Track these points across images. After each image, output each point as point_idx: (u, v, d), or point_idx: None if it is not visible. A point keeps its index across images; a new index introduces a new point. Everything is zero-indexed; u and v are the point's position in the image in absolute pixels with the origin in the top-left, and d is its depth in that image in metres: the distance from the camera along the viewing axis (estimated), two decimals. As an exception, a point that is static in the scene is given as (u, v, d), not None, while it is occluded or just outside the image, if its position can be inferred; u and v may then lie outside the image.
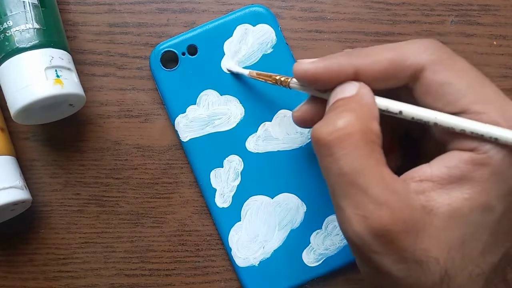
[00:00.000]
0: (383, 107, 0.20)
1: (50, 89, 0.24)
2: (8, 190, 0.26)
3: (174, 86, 0.28)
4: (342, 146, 0.19)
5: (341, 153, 0.19)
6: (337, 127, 0.19)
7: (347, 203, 0.19)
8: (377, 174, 0.19)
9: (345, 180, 0.19)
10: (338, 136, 0.19)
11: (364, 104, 0.20)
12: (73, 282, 0.29)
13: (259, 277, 0.28)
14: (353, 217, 0.19)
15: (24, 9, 0.25)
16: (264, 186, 0.28)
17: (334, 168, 0.19)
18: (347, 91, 0.20)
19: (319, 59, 0.21)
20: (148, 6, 0.30)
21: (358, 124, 0.19)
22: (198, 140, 0.28)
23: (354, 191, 0.19)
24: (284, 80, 0.24)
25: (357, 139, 0.19)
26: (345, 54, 0.21)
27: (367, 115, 0.20)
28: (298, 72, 0.21)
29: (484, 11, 0.30)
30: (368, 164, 0.19)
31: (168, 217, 0.29)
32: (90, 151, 0.29)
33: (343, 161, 0.19)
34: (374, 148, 0.19)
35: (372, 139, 0.19)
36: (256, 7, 0.28)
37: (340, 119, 0.19)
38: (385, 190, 0.18)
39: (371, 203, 0.18)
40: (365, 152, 0.19)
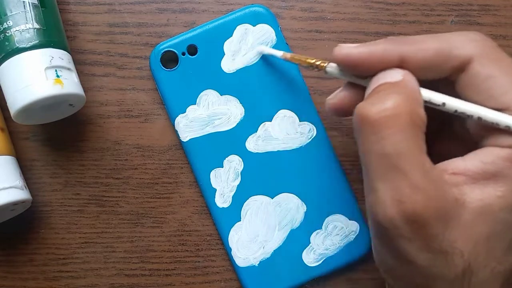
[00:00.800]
0: (426, 98, 0.20)
1: (50, 89, 0.24)
2: (8, 190, 0.26)
3: (174, 86, 0.28)
4: (388, 126, 0.18)
5: (386, 132, 0.18)
6: (386, 106, 0.19)
7: (384, 185, 0.18)
8: (419, 159, 0.19)
9: (386, 161, 0.18)
10: (386, 116, 0.19)
11: (411, 89, 0.20)
12: (73, 282, 0.29)
13: (259, 277, 0.28)
14: (388, 200, 0.18)
15: (24, 9, 0.25)
16: (264, 186, 0.28)
17: (376, 147, 0.19)
18: (392, 76, 0.20)
19: (362, 44, 0.21)
20: (148, 6, 0.30)
21: (406, 107, 0.19)
22: (198, 140, 0.28)
23: (393, 174, 0.18)
24: (320, 65, 0.23)
25: (404, 121, 0.19)
26: (390, 40, 0.21)
27: (414, 99, 0.19)
28: (340, 56, 0.21)
29: (484, 11, 0.30)
30: (412, 148, 0.18)
31: (168, 217, 0.29)
32: (90, 151, 0.29)
33: (388, 141, 0.18)
34: (419, 134, 0.19)
35: (418, 124, 0.19)
36: (256, 7, 0.28)
37: (389, 99, 0.19)
38: (424, 177, 0.18)
39: (408, 187, 0.18)
40: (411, 135, 0.19)
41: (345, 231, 0.28)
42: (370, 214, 0.20)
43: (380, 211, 0.19)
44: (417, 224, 0.18)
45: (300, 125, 0.28)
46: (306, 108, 0.28)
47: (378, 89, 0.20)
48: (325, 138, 0.28)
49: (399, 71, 0.20)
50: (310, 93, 0.29)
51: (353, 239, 0.28)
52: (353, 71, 0.22)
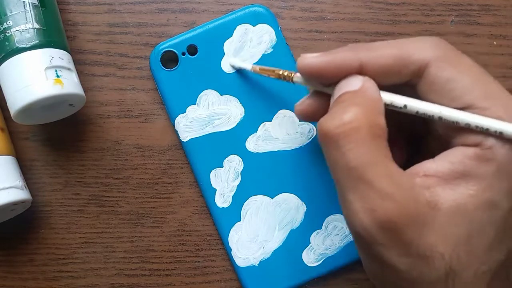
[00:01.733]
0: (388, 101, 0.20)
1: (50, 89, 0.24)
2: (8, 190, 0.26)
3: (174, 86, 0.28)
4: (348, 140, 0.19)
5: (348, 147, 0.19)
6: (344, 121, 0.19)
7: (354, 196, 0.19)
8: (384, 168, 0.19)
9: (352, 173, 0.19)
10: (344, 130, 0.19)
11: (369, 98, 0.20)
12: (73, 282, 0.29)
13: (259, 277, 0.28)
14: (360, 210, 0.19)
15: (24, 9, 0.25)
16: (264, 186, 0.28)
17: (340, 161, 0.19)
18: (352, 84, 0.20)
19: (323, 53, 0.21)
20: (148, 6, 0.30)
21: (365, 119, 0.19)
22: (198, 140, 0.28)
23: (361, 185, 0.19)
24: (287, 75, 0.24)
25: (363, 133, 0.19)
26: (349, 48, 0.21)
27: (373, 109, 0.20)
28: (302, 66, 0.21)
29: (484, 11, 0.30)
30: (375, 158, 0.19)
31: (168, 217, 0.29)
32: (90, 151, 0.29)
33: (350, 155, 0.19)
34: (381, 143, 0.19)
35: (378, 134, 0.19)
36: (256, 7, 0.28)
37: (347, 113, 0.19)
38: (391, 184, 0.18)
39: (377, 196, 0.18)
40: (372, 146, 0.19)
41: (345, 231, 0.28)
42: (347, 224, 0.20)
43: (355, 221, 0.19)
44: (390, 230, 0.18)
45: (300, 125, 0.28)
46: (306, 108, 0.28)
47: (338, 101, 0.20)
48: (325, 138, 0.28)
49: (359, 78, 0.20)
50: (310, 93, 0.29)
51: (353, 239, 0.28)
52: (317, 80, 0.22)
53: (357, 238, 0.20)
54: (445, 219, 0.19)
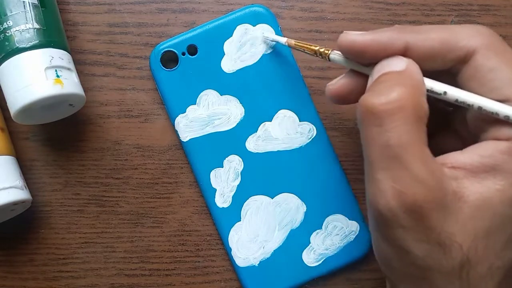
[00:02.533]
0: (428, 87, 0.20)
1: (50, 89, 0.24)
2: (8, 190, 0.26)
3: (174, 86, 0.28)
4: (393, 119, 0.19)
5: (391, 125, 0.19)
6: (390, 98, 0.19)
7: (385, 175, 0.19)
8: (421, 151, 0.19)
9: (388, 152, 0.19)
10: (390, 108, 0.19)
11: (415, 79, 0.20)
12: (73, 282, 0.29)
13: (259, 277, 0.28)
14: (389, 190, 0.19)
15: (24, 9, 0.25)
16: (264, 186, 0.28)
17: (380, 139, 0.19)
18: (396, 65, 0.20)
19: (368, 32, 0.21)
20: (148, 6, 0.30)
21: (411, 99, 0.19)
22: (198, 140, 0.28)
23: (395, 164, 0.19)
24: (323, 52, 0.23)
25: (408, 114, 0.19)
26: (396, 28, 0.21)
27: (418, 91, 0.20)
28: (345, 43, 0.21)
29: (484, 11, 0.30)
30: (414, 140, 0.19)
31: (168, 217, 0.29)
32: (90, 151, 0.29)
33: (392, 133, 0.19)
34: (421, 126, 0.19)
35: (421, 116, 0.19)
36: (256, 7, 0.28)
37: (394, 91, 0.19)
38: (425, 169, 0.18)
39: (410, 178, 0.18)
40: (414, 128, 0.19)
41: (345, 231, 0.28)
42: (370, 204, 0.20)
43: (381, 201, 0.19)
44: (416, 214, 0.18)
45: (300, 125, 0.28)
46: (306, 108, 0.28)
47: (382, 79, 0.20)
48: (325, 138, 0.28)
49: (403, 59, 0.20)
50: (310, 93, 0.29)
51: (353, 239, 0.28)
52: (357, 58, 0.22)
53: (378, 218, 0.19)
54: (469, 211, 0.19)
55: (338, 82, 0.23)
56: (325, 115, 0.29)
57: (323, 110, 0.29)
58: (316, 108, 0.28)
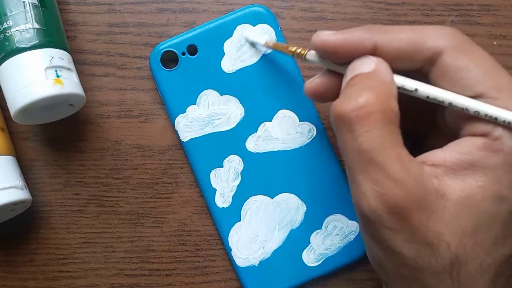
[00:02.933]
0: (400, 84, 0.20)
1: (50, 89, 0.24)
2: (8, 190, 0.26)
3: (174, 86, 0.28)
4: (362, 124, 0.19)
5: (361, 130, 0.19)
6: (359, 104, 0.19)
7: (365, 178, 0.19)
8: (395, 153, 0.19)
9: (364, 156, 0.19)
10: (359, 114, 0.19)
11: (383, 81, 0.20)
12: (73, 282, 0.29)
13: (259, 277, 0.28)
14: (370, 192, 0.19)
15: (24, 9, 0.25)
16: (264, 186, 0.28)
17: (353, 144, 0.19)
18: (365, 66, 0.20)
19: (339, 31, 0.21)
20: (148, 6, 0.30)
21: (378, 103, 0.19)
22: (198, 140, 0.28)
23: (372, 168, 0.19)
24: (300, 52, 0.24)
25: (377, 118, 0.19)
26: (366, 28, 0.21)
27: (386, 93, 0.20)
28: (317, 43, 0.22)
29: (484, 11, 0.30)
30: (387, 142, 0.19)
31: (168, 217, 0.29)
32: (90, 151, 0.29)
33: (363, 138, 0.19)
34: (393, 127, 0.19)
35: (391, 118, 0.19)
36: (256, 7, 0.28)
37: (361, 97, 0.19)
38: (402, 169, 0.19)
39: (388, 180, 0.18)
40: (385, 130, 0.19)
41: (345, 231, 0.28)
42: (355, 206, 0.20)
43: (364, 203, 0.19)
44: (399, 215, 0.18)
45: (300, 125, 0.28)
46: (306, 108, 0.28)
47: (352, 82, 0.20)
48: (325, 138, 0.28)
49: (373, 59, 0.21)
50: (310, 93, 0.29)
51: (353, 239, 0.28)
52: (331, 57, 0.22)
53: (364, 221, 0.20)
54: (453, 209, 0.19)
55: (315, 80, 0.24)
56: (325, 115, 0.29)
57: (323, 110, 0.29)
58: (316, 108, 0.28)
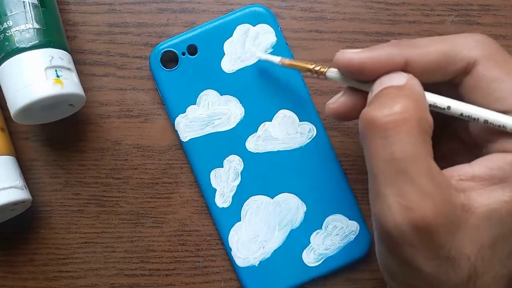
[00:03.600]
0: (431, 102, 0.20)
1: (50, 89, 0.24)
2: (8, 190, 0.26)
3: (174, 86, 0.28)
4: (397, 131, 0.18)
5: (395, 137, 0.18)
6: (394, 110, 0.19)
7: (391, 191, 0.18)
8: (427, 165, 0.18)
9: (394, 166, 0.18)
10: (394, 120, 0.18)
11: (416, 92, 0.19)
12: (73, 282, 0.29)
13: (259, 277, 0.28)
14: (396, 206, 0.18)
15: (24, 9, 0.25)
16: (264, 186, 0.28)
17: (384, 152, 0.18)
18: (396, 80, 0.20)
19: (365, 49, 0.21)
20: (148, 6, 0.30)
21: (415, 111, 0.19)
22: (198, 140, 0.28)
23: (401, 179, 0.18)
24: (319, 70, 0.23)
25: (413, 126, 0.18)
26: (393, 44, 0.21)
27: (422, 103, 0.19)
28: (342, 62, 0.21)
29: (484, 11, 0.30)
30: (420, 153, 0.18)
31: (168, 217, 0.29)
32: (90, 151, 0.29)
33: (396, 146, 0.18)
34: (427, 139, 0.19)
35: (426, 129, 0.19)
36: (256, 7, 0.28)
37: (397, 103, 0.19)
38: (432, 183, 0.18)
39: (417, 194, 0.18)
40: (419, 140, 0.18)
41: (345, 231, 0.28)
42: (377, 221, 0.19)
43: (388, 218, 0.18)
44: (425, 232, 0.18)
45: (300, 125, 0.28)
46: (306, 108, 0.28)
47: (383, 93, 0.20)
48: (325, 138, 0.28)
49: (403, 74, 0.20)
50: (310, 93, 0.29)
51: (353, 239, 0.28)
52: (355, 76, 0.21)
53: (386, 235, 0.19)
54: (477, 222, 0.18)
55: (338, 100, 0.23)
56: (325, 115, 0.29)
57: (323, 110, 0.29)
58: (316, 108, 0.28)
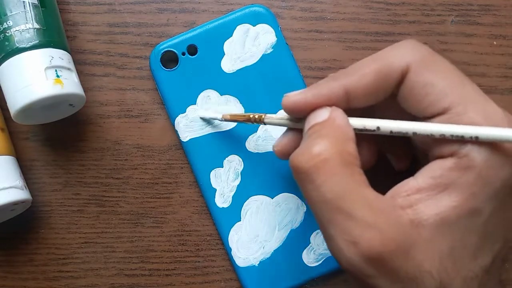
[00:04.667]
0: (360, 126, 0.20)
1: (50, 89, 0.24)
2: (8, 190, 0.26)
3: (174, 86, 0.28)
4: (320, 173, 0.19)
5: (320, 180, 0.19)
6: (313, 154, 0.19)
7: (335, 231, 0.19)
8: (360, 196, 0.19)
9: (329, 206, 0.19)
10: (315, 163, 0.19)
11: (337, 127, 0.20)
12: (73, 282, 0.29)
13: (259, 277, 0.28)
14: (343, 244, 0.18)
15: (24, 9, 0.25)
16: (264, 186, 0.28)
17: (316, 195, 0.19)
18: (319, 116, 0.20)
19: (306, 89, 0.21)
20: (148, 6, 0.30)
21: (333, 148, 0.19)
22: (198, 140, 0.28)
23: (339, 217, 0.18)
24: (257, 118, 0.24)
25: (334, 164, 0.19)
26: (331, 78, 0.21)
27: (341, 138, 0.20)
28: (289, 105, 0.21)
29: (484, 11, 0.30)
30: (349, 187, 0.19)
31: (168, 217, 0.29)
32: (90, 151, 0.29)
33: (324, 187, 0.19)
34: (353, 170, 0.19)
35: (349, 161, 0.19)
36: (256, 7, 0.28)
37: (315, 145, 0.19)
38: (370, 211, 0.18)
39: (358, 227, 0.18)
40: (344, 175, 0.19)
41: (345, 231, 0.28)
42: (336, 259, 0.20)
43: (340, 256, 0.19)
44: (376, 261, 0.18)
45: (300, 125, 0.28)
46: (306, 108, 0.28)
47: (308, 134, 0.20)
48: (325, 138, 0.28)
49: (327, 109, 0.20)
50: (310, 93, 0.29)
51: (353, 239, 0.28)
52: (304, 115, 0.22)
53: (346, 271, 0.19)
54: (429, 234, 0.18)
55: (281, 142, 0.24)
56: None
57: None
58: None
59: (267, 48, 0.28)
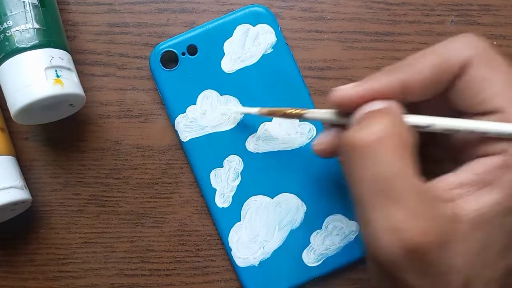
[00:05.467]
0: (413, 123, 0.20)
1: (50, 89, 0.24)
2: (8, 190, 0.26)
3: (174, 86, 0.28)
4: (377, 151, 0.18)
5: (376, 157, 0.18)
6: (372, 130, 0.18)
7: (377, 215, 0.18)
8: (410, 182, 0.18)
9: (377, 188, 0.18)
10: (376, 138, 0.18)
11: (395, 113, 0.20)
12: (73, 282, 0.29)
13: (259, 277, 0.28)
14: (382, 230, 0.18)
15: (24, 9, 0.25)
16: (264, 186, 0.28)
17: (367, 173, 0.18)
18: (374, 105, 0.20)
19: (359, 82, 0.21)
20: (148, 6, 0.30)
21: (392, 129, 0.19)
22: (198, 140, 0.28)
23: (385, 201, 0.18)
24: (296, 113, 0.23)
25: (395, 142, 0.18)
26: (386, 71, 0.21)
27: (400, 121, 0.19)
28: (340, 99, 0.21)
29: (484, 11, 0.30)
30: (403, 172, 0.18)
31: (168, 217, 0.29)
32: (90, 151, 0.29)
33: (378, 167, 0.18)
34: (410, 155, 0.19)
35: (406, 145, 0.19)
36: (256, 7, 0.28)
37: (377, 123, 0.19)
38: (417, 201, 0.18)
39: (403, 214, 0.17)
40: (401, 158, 0.18)
41: (345, 231, 0.28)
42: (368, 246, 0.19)
43: (377, 244, 0.18)
44: (416, 254, 0.18)
45: (300, 125, 0.28)
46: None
47: (362, 117, 0.20)
48: (325, 138, 0.28)
49: (382, 101, 0.20)
50: (310, 93, 0.29)
51: (353, 239, 0.28)
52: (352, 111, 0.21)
53: (377, 260, 0.19)
54: (466, 230, 0.18)
55: (323, 141, 0.23)
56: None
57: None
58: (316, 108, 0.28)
59: (267, 48, 0.28)
